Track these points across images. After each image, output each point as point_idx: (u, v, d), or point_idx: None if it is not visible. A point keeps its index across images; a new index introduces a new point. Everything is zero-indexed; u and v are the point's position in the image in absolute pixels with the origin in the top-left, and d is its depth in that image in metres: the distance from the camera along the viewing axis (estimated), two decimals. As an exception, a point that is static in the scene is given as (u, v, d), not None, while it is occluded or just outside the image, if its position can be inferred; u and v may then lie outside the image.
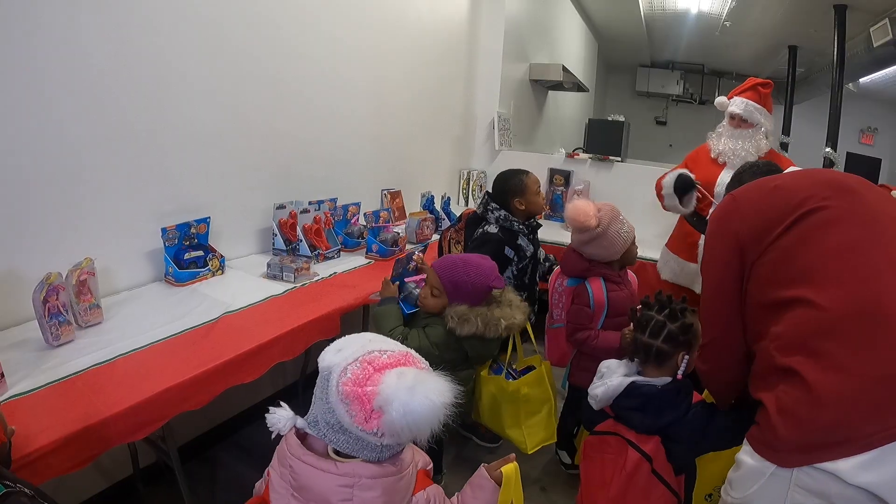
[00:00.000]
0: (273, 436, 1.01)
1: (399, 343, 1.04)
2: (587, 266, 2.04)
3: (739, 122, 2.50)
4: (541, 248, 2.51)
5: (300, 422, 1.00)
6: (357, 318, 2.40)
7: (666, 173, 2.62)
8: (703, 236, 2.46)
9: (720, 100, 2.61)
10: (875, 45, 4.63)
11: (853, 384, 0.92)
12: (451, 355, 1.74)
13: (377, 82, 3.01)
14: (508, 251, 2.24)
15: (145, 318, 1.62)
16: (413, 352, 1.01)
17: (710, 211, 2.44)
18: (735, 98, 2.53)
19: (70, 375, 1.28)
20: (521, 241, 2.29)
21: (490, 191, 2.39)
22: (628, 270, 2.16)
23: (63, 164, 1.62)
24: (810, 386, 0.95)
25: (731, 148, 2.49)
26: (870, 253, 1.02)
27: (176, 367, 1.36)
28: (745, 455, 1.04)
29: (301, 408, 1.02)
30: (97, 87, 1.67)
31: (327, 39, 2.59)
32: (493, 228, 2.26)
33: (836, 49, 4.67)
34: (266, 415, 1.00)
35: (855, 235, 1.04)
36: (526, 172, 2.35)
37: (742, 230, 1.16)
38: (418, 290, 1.88)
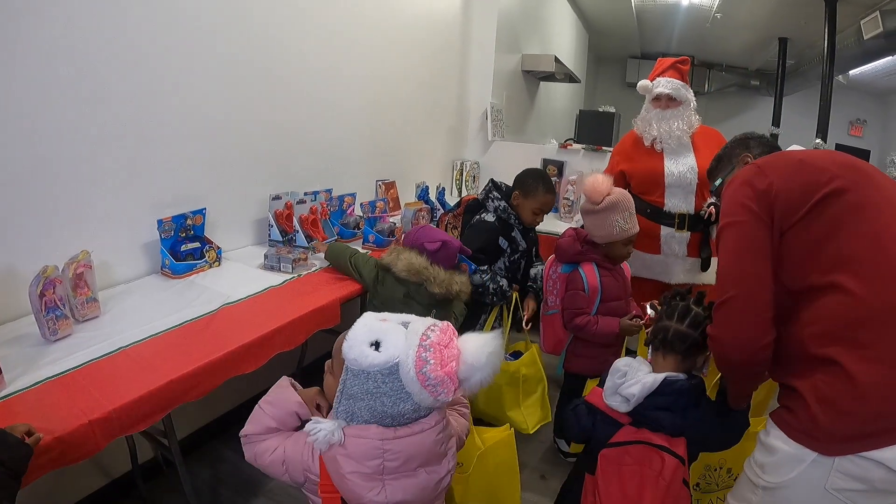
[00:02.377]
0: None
1: (411, 315, 1.06)
2: (580, 250, 2.06)
3: (668, 101, 2.46)
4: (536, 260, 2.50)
5: (339, 435, 1.01)
6: (356, 308, 2.37)
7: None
8: (663, 227, 2.50)
9: (643, 83, 2.57)
10: (865, 38, 4.68)
11: (895, 375, 0.92)
12: (389, 292, 1.89)
13: (372, 74, 2.98)
14: (502, 241, 2.25)
15: (143, 311, 1.59)
16: (437, 321, 1.04)
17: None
18: (659, 79, 2.49)
19: (70, 370, 1.25)
20: (516, 234, 2.29)
21: (494, 179, 2.37)
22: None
23: (58, 157, 1.58)
24: (852, 377, 0.93)
25: (665, 130, 2.44)
26: None
27: (177, 359, 1.34)
28: (778, 441, 1.03)
29: None
30: (92, 81, 1.63)
31: (322, 32, 2.55)
32: (490, 217, 2.25)
33: (826, 41, 4.70)
34: (309, 438, 1.02)
35: (885, 222, 1.02)
36: (549, 188, 2.26)
37: (774, 194, 1.09)
38: None
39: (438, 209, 3.22)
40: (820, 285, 1.03)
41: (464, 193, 4.26)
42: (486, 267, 2.17)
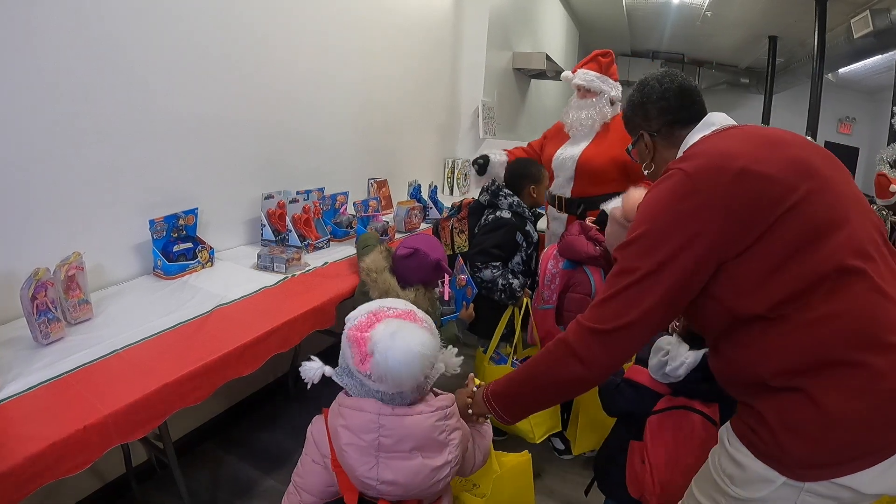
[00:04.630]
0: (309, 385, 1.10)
1: (409, 303, 1.14)
2: (593, 255, 2.05)
3: (584, 92, 2.60)
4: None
5: (328, 370, 1.10)
6: (350, 308, 2.37)
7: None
8: (550, 207, 2.69)
9: (566, 74, 2.72)
10: (855, 36, 4.72)
11: (865, 402, 0.87)
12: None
13: (363, 72, 2.96)
14: (519, 237, 2.25)
15: (137, 313, 1.57)
16: (417, 310, 1.11)
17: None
18: (578, 71, 2.63)
19: (64, 374, 1.23)
20: (529, 227, 2.30)
21: (495, 179, 2.42)
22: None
23: (47, 158, 1.56)
24: (820, 406, 0.88)
25: (576, 117, 2.60)
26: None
27: (173, 362, 1.32)
28: (746, 458, 0.97)
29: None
30: (79, 80, 1.61)
31: (314, 31, 2.54)
32: (506, 214, 2.26)
33: (816, 40, 4.75)
34: (300, 369, 1.10)
35: (845, 246, 0.92)
36: (542, 166, 2.44)
37: (708, 229, 0.94)
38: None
39: (431, 207, 3.22)
40: (776, 316, 0.93)
41: (455, 192, 4.26)
42: (498, 263, 2.17)
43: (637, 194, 1.92)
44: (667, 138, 1.19)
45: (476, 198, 2.43)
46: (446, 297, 1.96)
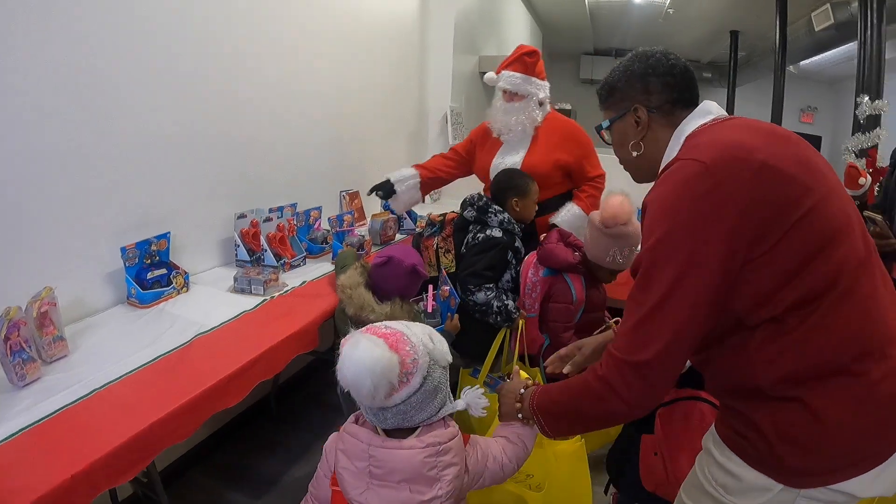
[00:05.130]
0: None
1: (411, 324, 1.15)
2: (572, 263, 2.06)
3: (511, 96, 2.49)
4: None
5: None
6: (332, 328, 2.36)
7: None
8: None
9: (489, 76, 2.58)
10: (816, 30, 4.87)
11: (861, 410, 0.88)
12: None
13: (332, 83, 2.94)
14: (510, 255, 2.17)
15: (114, 347, 1.54)
16: (406, 333, 1.09)
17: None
18: (503, 73, 2.51)
19: (45, 418, 1.20)
20: (519, 243, 2.21)
21: (482, 193, 2.31)
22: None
23: (8, 188, 1.50)
24: (817, 415, 0.88)
25: (504, 123, 2.50)
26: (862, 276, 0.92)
27: (157, 398, 1.30)
28: (740, 468, 0.96)
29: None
30: (40, 103, 1.55)
31: (279, 43, 2.50)
32: (496, 232, 2.15)
33: (778, 34, 4.88)
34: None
35: (851, 245, 0.92)
36: (531, 178, 2.29)
37: (736, 224, 0.87)
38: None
39: (405, 218, 3.21)
40: (785, 320, 0.90)
41: (427, 201, 4.24)
42: (491, 285, 2.10)
43: (617, 200, 1.94)
44: (666, 117, 1.09)
45: (459, 212, 2.32)
46: (430, 310, 1.96)
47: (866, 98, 3.59)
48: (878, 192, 3.28)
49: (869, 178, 3.22)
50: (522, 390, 1.21)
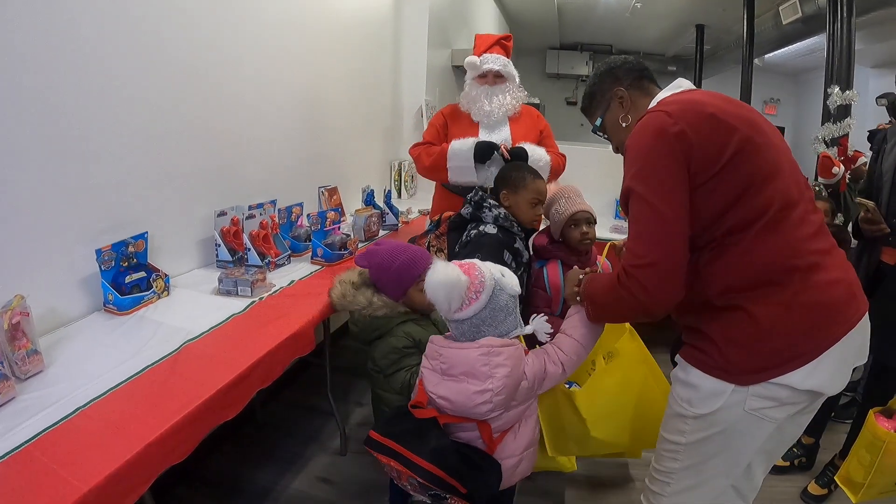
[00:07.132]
0: None
1: (485, 262, 1.42)
2: (546, 247, 2.08)
3: (494, 78, 2.49)
4: None
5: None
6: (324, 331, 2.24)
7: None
8: None
9: (470, 59, 2.53)
10: (784, 23, 4.95)
11: (789, 313, 1.09)
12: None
13: (308, 76, 2.82)
14: (507, 255, 1.91)
15: (94, 359, 1.40)
16: (478, 264, 1.37)
17: None
18: (486, 56, 2.49)
19: (24, 444, 1.05)
20: (518, 244, 1.98)
21: (480, 188, 2.14)
22: (598, 257, 1.98)
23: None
24: (756, 319, 1.10)
25: (499, 104, 2.48)
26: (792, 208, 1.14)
27: (150, 415, 1.17)
28: (697, 378, 1.17)
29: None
30: (2, 96, 1.39)
31: (255, 39, 2.37)
32: (491, 229, 1.93)
33: (745, 27, 4.95)
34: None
35: (783, 182, 1.13)
36: (537, 176, 2.04)
37: (690, 151, 1.09)
38: None
39: (387, 213, 3.11)
40: (724, 243, 1.13)
41: (403, 195, 4.16)
42: None
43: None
44: (639, 89, 1.33)
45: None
46: None
47: (836, 89, 3.66)
48: (850, 180, 3.37)
49: (842, 167, 3.29)
50: (581, 276, 1.39)
